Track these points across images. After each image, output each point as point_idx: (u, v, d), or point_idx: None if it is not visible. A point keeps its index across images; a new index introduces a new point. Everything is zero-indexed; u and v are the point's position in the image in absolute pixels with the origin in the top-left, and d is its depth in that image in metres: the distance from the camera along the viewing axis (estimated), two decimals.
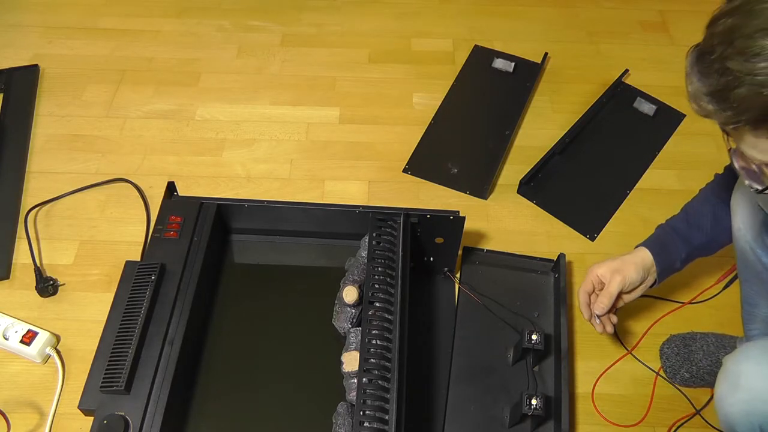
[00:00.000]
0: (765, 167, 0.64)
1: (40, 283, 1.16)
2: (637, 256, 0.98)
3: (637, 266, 0.96)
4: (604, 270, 0.97)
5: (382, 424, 0.86)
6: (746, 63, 0.56)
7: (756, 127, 0.59)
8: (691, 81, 0.63)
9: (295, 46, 1.68)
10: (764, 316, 0.94)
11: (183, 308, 1.00)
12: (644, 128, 1.52)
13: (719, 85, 0.59)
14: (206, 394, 1.02)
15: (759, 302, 0.93)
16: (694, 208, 1.00)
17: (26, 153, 1.40)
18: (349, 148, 1.45)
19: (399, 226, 1.06)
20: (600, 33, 1.76)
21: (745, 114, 0.58)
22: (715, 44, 0.59)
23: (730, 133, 0.64)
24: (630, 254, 0.99)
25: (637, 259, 0.97)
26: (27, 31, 1.68)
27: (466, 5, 1.82)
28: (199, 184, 1.36)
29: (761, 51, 0.55)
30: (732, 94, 0.57)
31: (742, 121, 0.59)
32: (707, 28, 0.61)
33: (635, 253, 0.99)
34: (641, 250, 0.99)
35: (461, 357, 1.10)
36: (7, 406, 1.02)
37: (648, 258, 0.97)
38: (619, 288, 0.96)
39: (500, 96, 1.58)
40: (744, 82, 0.56)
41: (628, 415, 1.08)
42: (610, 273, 0.96)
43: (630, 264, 0.96)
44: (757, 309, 0.94)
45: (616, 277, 0.96)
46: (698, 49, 0.63)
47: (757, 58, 0.55)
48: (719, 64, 0.58)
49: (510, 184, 1.39)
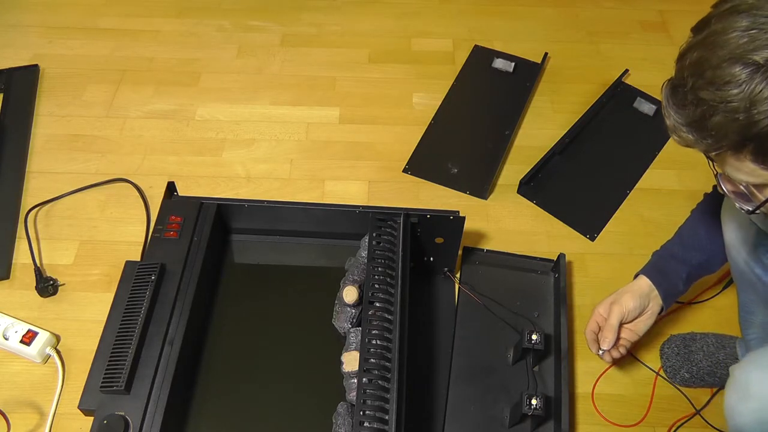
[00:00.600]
0: (752, 187, 0.65)
1: (40, 283, 1.16)
2: (633, 285, 1.00)
3: (633, 294, 0.98)
4: (603, 306, 1.00)
5: (382, 424, 0.86)
6: (718, 92, 0.57)
7: (737, 151, 0.60)
8: (668, 114, 0.64)
9: (295, 46, 1.68)
10: (761, 323, 0.94)
11: (183, 308, 1.00)
12: (644, 128, 1.52)
13: (695, 115, 0.60)
14: (206, 394, 1.02)
15: (755, 310, 0.94)
16: (688, 229, 1.02)
17: (26, 153, 1.40)
18: (349, 148, 1.45)
19: (399, 226, 1.06)
20: (600, 33, 1.76)
21: (724, 140, 0.59)
22: (686, 77, 0.60)
23: (714, 159, 0.65)
24: (627, 285, 1.01)
25: (634, 288, 0.99)
26: (27, 31, 1.68)
27: (466, 5, 1.82)
28: (199, 184, 1.36)
29: (730, 78, 0.56)
30: (709, 122, 0.59)
31: (722, 147, 0.60)
32: (677, 62, 0.63)
33: (632, 283, 1.01)
34: (638, 279, 1.01)
35: (461, 357, 1.10)
36: (7, 406, 1.02)
37: (645, 284, 0.99)
38: (618, 318, 0.97)
39: (500, 96, 1.58)
40: (718, 110, 0.57)
41: (628, 415, 1.08)
42: (607, 306, 0.99)
43: (625, 294, 0.99)
44: (754, 316, 0.95)
45: (614, 308, 0.98)
46: (671, 83, 0.64)
47: (728, 85, 0.56)
48: (692, 95, 0.60)
49: (510, 184, 1.39)
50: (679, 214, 1.32)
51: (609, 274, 1.25)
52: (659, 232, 1.31)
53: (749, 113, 0.56)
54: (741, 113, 0.56)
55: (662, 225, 1.32)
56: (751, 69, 0.55)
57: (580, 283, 1.24)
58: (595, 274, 1.26)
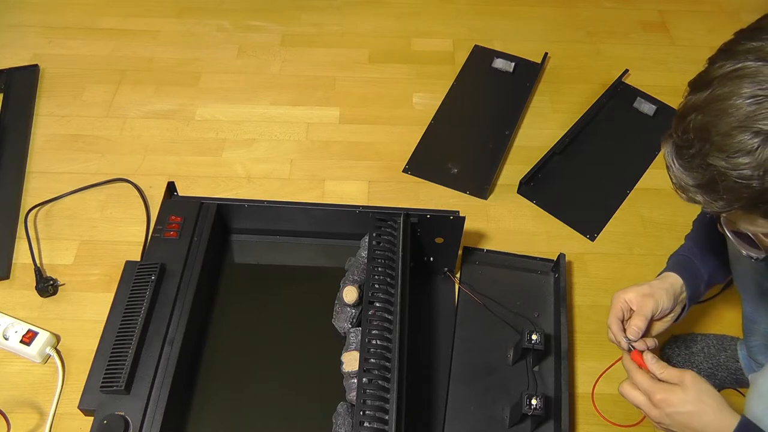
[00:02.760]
0: (761, 235, 0.64)
1: (40, 283, 1.16)
2: (665, 281, 0.90)
3: (668, 292, 0.89)
4: (633, 295, 0.88)
5: (382, 424, 0.86)
6: (729, 159, 0.56)
7: (750, 211, 0.59)
8: (673, 172, 0.63)
9: (295, 46, 1.68)
10: (765, 331, 0.94)
11: (183, 308, 1.00)
12: (644, 128, 1.52)
13: (705, 179, 0.59)
14: (206, 394, 1.02)
15: (758, 319, 0.94)
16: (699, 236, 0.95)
17: (26, 153, 1.40)
18: (349, 148, 1.45)
19: (399, 226, 1.06)
20: (600, 33, 1.76)
21: (737, 203, 0.58)
22: (692, 139, 0.59)
23: (722, 215, 0.64)
24: (658, 280, 0.91)
25: (667, 285, 0.89)
26: (27, 31, 1.68)
27: (466, 5, 1.82)
28: (199, 184, 1.36)
29: (741, 147, 0.55)
30: (720, 186, 0.58)
31: (734, 208, 0.59)
32: (677, 119, 0.61)
33: (663, 279, 0.91)
34: (669, 275, 0.91)
35: (461, 357, 1.10)
36: (7, 406, 1.02)
37: (677, 282, 0.90)
38: (652, 312, 0.87)
39: (500, 96, 1.58)
40: (730, 176, 0.56)
41: (628, 415, 1.08)
42: (639, 297, 0.88)
43: (660, 289, 0.89)
44: (758, 325, 0.94)
45: (648, 301, 0.87)
46: (673, 142, 0.62)
47: (738, 153, 0.55)
48: (700, 159, 0.58)
49: (510, 184, 1.39)
50: (680, 214, 1.33)
51: (609, 274, 1.25)
52: (659, 232, 1.31)
53: (763, 180, 0.55)
54: (754, 180, 0.55)
55: (662, 225, 1.32)
56: (761, 138, 0.54)
57: (580, 283, 1.24)
58: (595, 274, 1.26)
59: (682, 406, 0.75)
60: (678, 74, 1.63)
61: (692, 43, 1.70)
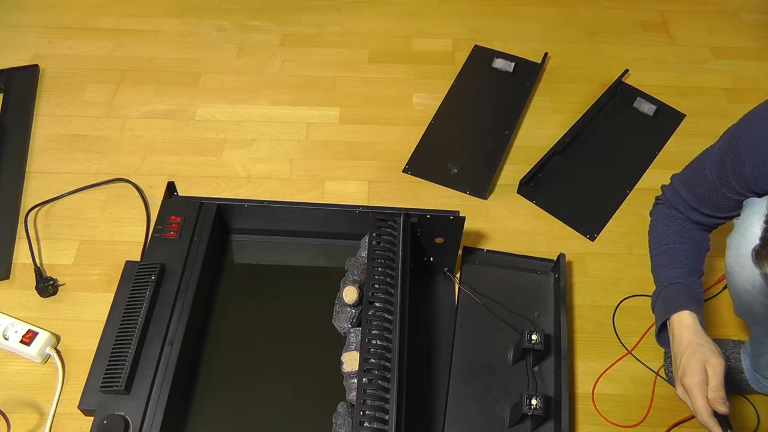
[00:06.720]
0: None
1: (40, 283, 1.16)
2: (694, 332, 0.87)
3: (704, 341, 0.86)
4: (692, 376, 0.83)
5: (382, 424, 0.86)
6: None
7: None
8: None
9: (295, 46, 1.68)
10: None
11: (183, 308, 1.00)
12: (644, 128, 1.52)
13: None
14: (206, 394, 1.02)
15: (766, 341, 0.96)
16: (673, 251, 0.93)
17: (26, 153, 1.40)
18: (349, 148, 1.45)
19: (399, 226, 1.06)
20: (600, 33, 1.76)
21: None
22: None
23: None
24: (690, 334, 0.87)
25: (698, 335, 0.87)
26: (27, 31, 1.68)
27: (466, 5, 1.82)
28: (199, 184, 1.36)
29: None
30: None
31: None
32: None
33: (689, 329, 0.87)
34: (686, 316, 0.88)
35: (461, 357, 1.10)
36: (7, 406, 1.02)
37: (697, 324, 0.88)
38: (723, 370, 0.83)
39: (500, 96, 1.58)
40: None
41: (628, 415, 1.08)
42: (701, 368, 0.83)
43: (703, 347, 0.85)
44: (766, 347, 0.97)
45: (716, 366, 0.83)
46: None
47: None
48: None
49: (510, 184, 1.39)
50: None
51: (609, 274, 1.25)
52: None
53: None
54: None
55: None
56: None
57: (580, 283, 1.24)
58: (595, 274, 1.26)
59: None
60: (678, 74, 1.63)
61: (692, 43, 1.70)
